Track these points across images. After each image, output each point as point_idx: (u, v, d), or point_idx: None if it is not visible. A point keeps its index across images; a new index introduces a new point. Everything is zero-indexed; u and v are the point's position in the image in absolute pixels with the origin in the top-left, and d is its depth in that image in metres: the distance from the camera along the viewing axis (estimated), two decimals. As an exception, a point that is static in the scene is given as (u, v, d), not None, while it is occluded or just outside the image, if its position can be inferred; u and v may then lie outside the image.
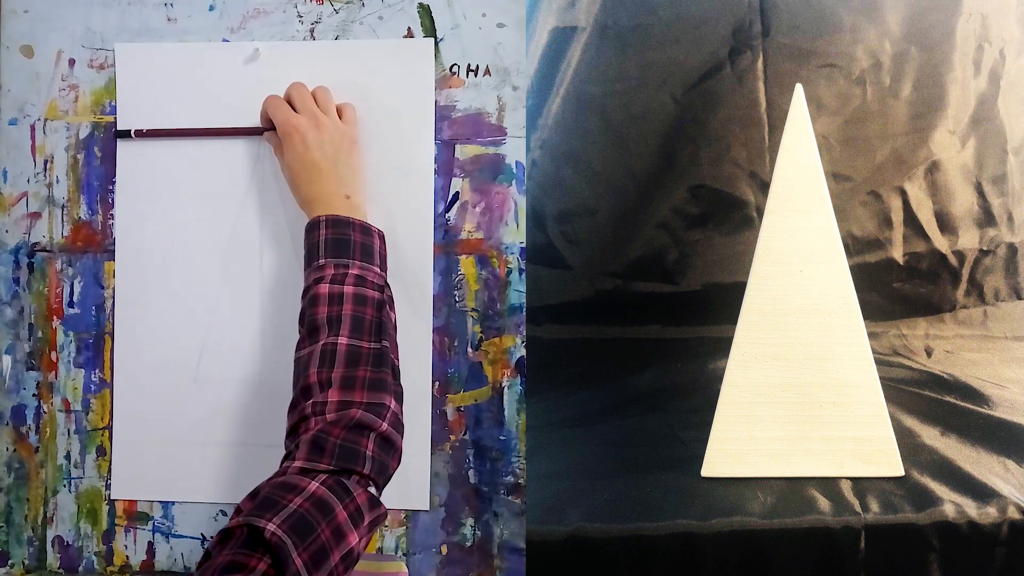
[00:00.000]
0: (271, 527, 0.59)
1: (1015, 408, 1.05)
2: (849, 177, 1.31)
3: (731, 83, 1.30)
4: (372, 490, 0.68)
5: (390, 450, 0.69)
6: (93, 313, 0.89)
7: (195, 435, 0.87)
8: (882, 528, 0.82)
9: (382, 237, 0.80)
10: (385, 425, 0.69)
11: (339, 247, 0.76)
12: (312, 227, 0.77)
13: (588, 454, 0.99)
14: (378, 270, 0.77)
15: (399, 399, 0.72)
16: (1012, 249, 1.34)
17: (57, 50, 0.90)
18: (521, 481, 0.85)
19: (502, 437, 0.85)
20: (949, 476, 0.88)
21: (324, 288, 0.73)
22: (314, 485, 0.64)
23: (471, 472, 0.85)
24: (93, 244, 0.89)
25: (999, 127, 1.31)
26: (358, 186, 0.82)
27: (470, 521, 0.84)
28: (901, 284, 1.33)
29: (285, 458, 0.69)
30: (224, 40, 0.88)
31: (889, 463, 0.89)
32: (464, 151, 0.86)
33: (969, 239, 1.33)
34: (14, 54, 0.90)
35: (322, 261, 0.75)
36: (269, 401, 0.86)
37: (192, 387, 0.87)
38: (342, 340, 0.71)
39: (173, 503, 0.88)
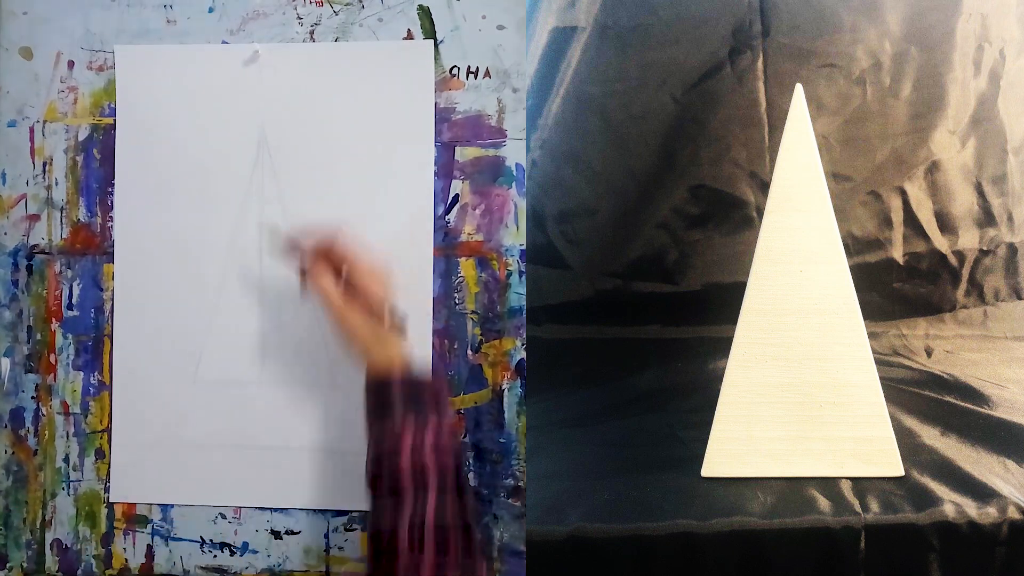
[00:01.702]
0: None
1: (1015, 408, 1.05)
2: (849, 177, 1.31)
3: (731, 83, 1.30)
4: None
5: None
6: (92, 315, 0.89)
7: (194, 438, 0.87)
8: (882, 528, 0.82)
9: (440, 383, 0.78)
10: None
11: (416, 405, 0.74)
12: (382, 386, 0.74)
13: (588, 454, 0.99)
14: (446, 418, 0.75)
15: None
16: (1012, 249, 1.34)
17: (56, 52, 0.90)
18: (521, 484, 0.85)
19: (502, 440, 0.85)
20: (949, 476, 0.88)
21: (405, 460, 0.71)
22: None
23: (471, 475, 0.85)
24: (92, 246, 0.89)
25: (999, 127, 1.31)
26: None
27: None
28: (901, 284, 1.33)
29: None
30: (223, 42, 0.88)
31: (889, 463, 0.89)
32: (464, 153, 0.86)
33: (969, 239, 1.33)
34: (13, 56, 0.90)
35: (400, 425, 0.72)
36: (268, 404, 0.87)
37: (191, 390, 0.87)
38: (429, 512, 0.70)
39: (172, 506, 0.88)
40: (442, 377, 0.79)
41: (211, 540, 0.87)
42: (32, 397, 0.90)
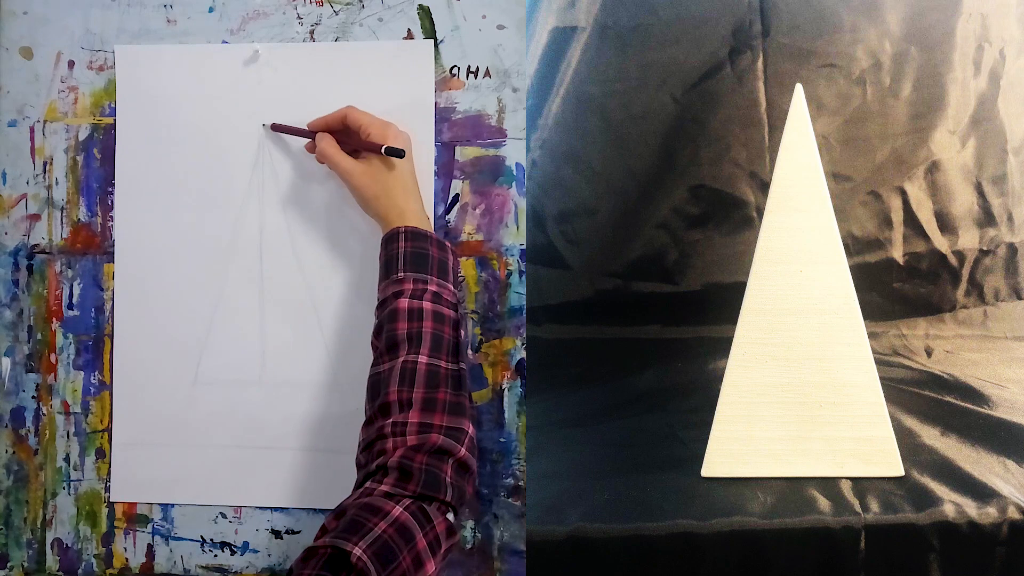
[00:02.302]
0: (357, 551, 0.60)
1: (1015, 408, 1.05)
2: (849, 177, 1.31)
3: (731, 83, 1.30)
4: (450, 516, 0.68)
5: (467, 475, 0.70)
6: (92, 315, 0.89)
7: (195, 437, 0.87)
8: (882, 528, 0.82)
9: (455, 254, 0.80)
10: (463, 451, 0.69)
11: (418, 261, 0.76)
12: (391, 238, 0.77)
13: (588, 454, 0.99)
14: (452, 288, 0.78)
15: (475, 422, 0.73)
16: (1012, 249, 1.33)
17: (56, 52, 0.90)
18: (521, 483, 0.85)
19: (502, 439, 0.85)
20: (949, 476, 0.88)
21: (404, 303, 0.73)
22: (398, 510, 0.64)
23: (471, 474, 0.85)
24: (92, 246, 0.89)
25: (999, 127, 1.31)
26: (422, 201, 0.83)
27: (470, 523, 0.84)
28: (901, 284, 1.33)
29: (364, 474, 0.69)
30: (224, 42, 0.88)
31: (889, 463, 0.89)
32: (464, 153, 0.86)
33: (969, 239, 1.32)
34: (13, 56, 0.90)
35: (401, 275, 0.75)
36: (268, 403, 0.87)
37: (191, 389, 0.87)
38: (422, 359, 0.71)
39: (172, 505, 0.88)
40: (447, 243, 0.80)
41: (211, 539, 0.88)
42: (33, 397, 0.90)
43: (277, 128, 0.86)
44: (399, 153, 0.79)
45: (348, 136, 0.83)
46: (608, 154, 1.34)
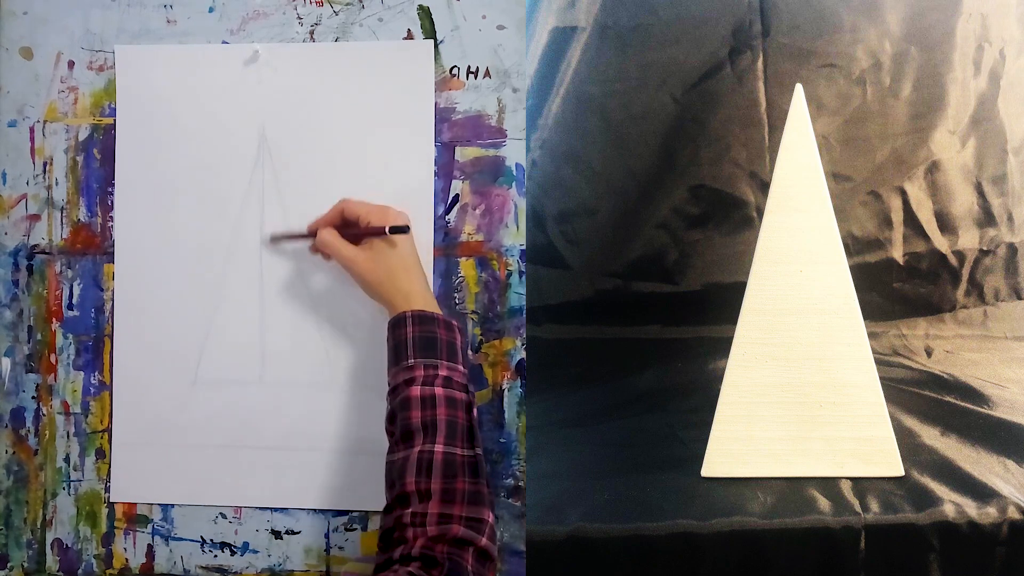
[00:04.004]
0: None
1: (1015, 408, 1.05)
2: (849, 177, 1.31)
3: (731, 83, 1.30)
4: None
5: (488, 563, 0.70)
6: (92, 315, 0.89)
7: (195, 438, 0.87)
8: (882, 528, 0.82)
9: (462, 332, 0.80)
10: (484, 540, 0.70)
11: (427, 346, 0.76)
12: (398, 323, 0.77)
13: (588, 454, 0.99)
14: (463, 368, 0.78)
15: (494, 508, 0.73)
16: (1012, 249, 1.34)
17: (56, 52, 0.90)
18: (521, 484, 0.85)
19: (502, 440, 0.85)
20: (949, 476, 0.88)
21: (416, 391, 0.73)
22: None
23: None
24: (92, 246, 0.89)
25: (999, 127, 1.31)
26: (426, 279, 0.83)
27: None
28: (901, 284, 1.33)
29: (386, 559, 0.69)
30: (224, 42, 0.88)
31: (889, 463, 0.89)
32: (464, 153, 0.86)
33: (969, 239, 1.33)
34: (13, 56, 0.90)
35: (411, 361, 0.75)
36: (269, 403, 0.87)
37: (192, 389, 0.87)
38: (438, 448, 0.71)
39: (173, 506, 0.88)
40: (455, 320, 0.79)
41: (211, 540, 0.88)
42: (33, 397, 0.90)
43: (277, 239, 0.86)
44: (403, 229, 0.79)
45: (347, 227, 0.82)
46: (608, 154, 1.34)
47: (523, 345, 0.86)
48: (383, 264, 0.79)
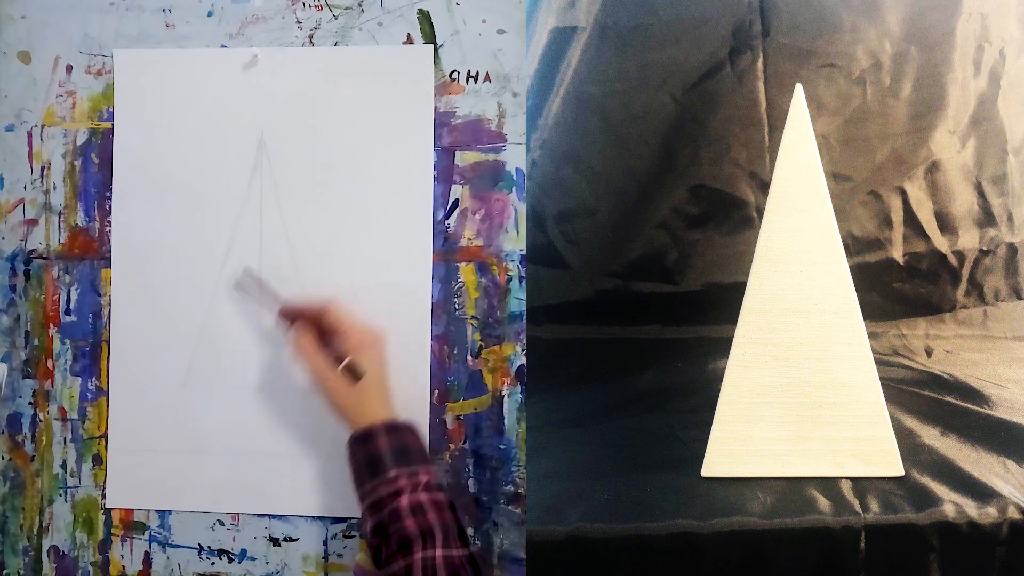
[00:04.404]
0: None
1: (1015, 408, 1.05)
2: (849, 177, 1.31)
3: (731, 83, 1.30)
4: None
5: None
6: (90, 321, 0.89)
7: (192, 444, 0.87)
8: (882, 528, 0.82)
9: (417, 429, 0.80)
10: None
11: (403, 454, 0.76)
12: (368, 438, 0.76)
13: (588, 454, 0.99)
14: (433, 467, 0.78)
15: None
16: (1012, 249, 1.34)
17: (55, 56, 0.89)
18: (521, 490, 0.85)
19: (502, 446, 0.85)
20: (949, 476, 0.88)
21: (405, 501, 0.74)
22: None
23: (471, 481, 0.85)
24: (90, 251, 0.89)
25: (999, 127, 1.31)
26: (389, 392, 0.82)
27: (469, 531, 0.84)
28: (901, 284, 1.33)
29: None
30: (223, 46, 0.88)
31: (889, 463, 0.89)
32: (464, 158, 0.86)
33: (969, 239, 1.33)
34: (11, 60, 0.90)
35: (392, 473, 0.75)
36: (266, 410, 0.86)
37: (189, 395, 0.87)
38: (438, 553, 0.73)
39: (170, 512, 0.88)
40: (408, 422, 0.79)
41: (209, 547, 0.87)
42: (29, 403, 0.89)
43: (242, 287, 0.85)
44: (356, 376, 0.78)
45: (319, 326, 0.80)
46: (608, 154, 1.34)
47: (523, 351, 0.85)
48: (355, 392, 0.78)
